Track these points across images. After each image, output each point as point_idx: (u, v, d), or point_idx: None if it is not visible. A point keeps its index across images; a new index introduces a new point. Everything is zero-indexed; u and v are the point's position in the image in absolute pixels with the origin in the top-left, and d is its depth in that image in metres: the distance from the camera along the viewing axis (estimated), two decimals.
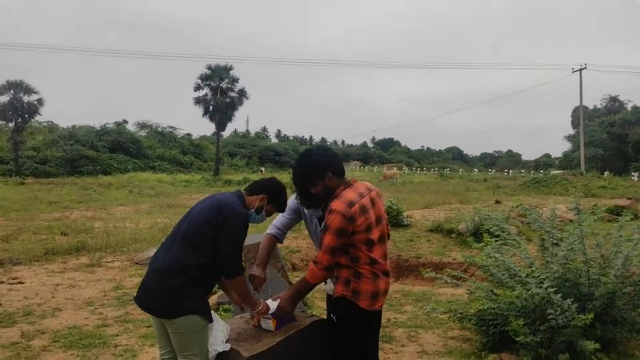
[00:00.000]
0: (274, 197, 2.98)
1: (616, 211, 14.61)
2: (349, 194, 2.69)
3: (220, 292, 5.94)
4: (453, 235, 10.96)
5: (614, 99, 66.05)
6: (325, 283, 3.09)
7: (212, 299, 5.75)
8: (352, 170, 67.61)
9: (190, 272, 2.70)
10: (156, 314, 2.79)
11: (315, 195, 2.82)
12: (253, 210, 2.93)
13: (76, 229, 12.23)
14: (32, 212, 16.62)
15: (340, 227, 2.59)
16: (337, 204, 2.64)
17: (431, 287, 7.30)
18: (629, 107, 62.76)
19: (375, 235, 2.71)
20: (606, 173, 43.12)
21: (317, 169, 2.76)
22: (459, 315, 4.55)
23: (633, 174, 43.55)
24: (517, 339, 3.73)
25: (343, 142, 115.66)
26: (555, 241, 4.31)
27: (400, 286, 7.83)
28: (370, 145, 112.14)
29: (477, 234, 10.33)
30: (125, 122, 59.24)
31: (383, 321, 5.36)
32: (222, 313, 5.37)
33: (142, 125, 57.57)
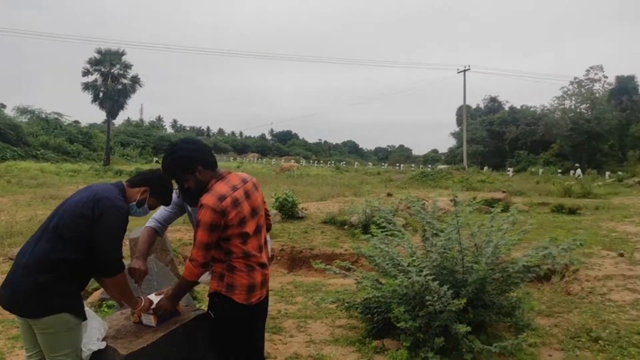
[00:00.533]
0: (156, 189, 2.85)
1: (492, 203, 15.83)
2: (220, 187, 2.63)
3: None
4: (346, 227, 11.27)
5: (493, 100, 71.37)
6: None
7: (95, 295, 5.45)
8: (249, 162, 67.13)
9: (60, 267, 2.52)
10: (20, 312, 2.57)
11: (188, 190, 2.73)
12: (134, 203, 2.79)
13: None
14: None
15: (211, 222, 2.53)
16: (207, 199, 2.56)
17: (323, 278, 7.45)
18: (506, 107, 68.16)
19: (250, 228, 2.67)
20: (485, 168, 46.67)
21: (185, 163, 2.66)
22: (347, 304, 4.69)
23: (509, 169, 47.52)
24: (398, 325, 3.92)
25: (241, 133, 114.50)
26: (435, 232, 4.57)
27: (293, 277, 7.91)
28: (268, 137, 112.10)
29: (367, 225, 10.73)
30: (3, 106, 54.27)
31: (273, 312, 5.40)
32: (106, 309, 5.11)
33: (23, 111, 52.93)
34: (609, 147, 54.07)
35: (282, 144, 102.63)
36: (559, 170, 45.51)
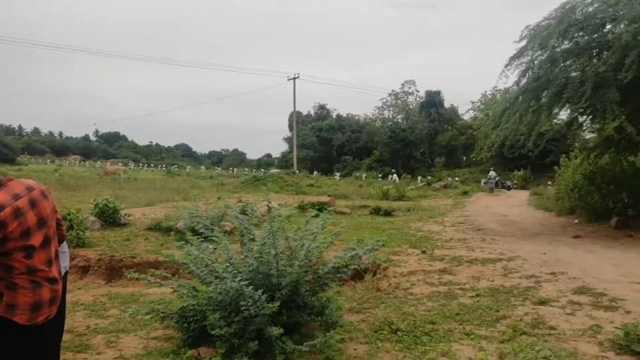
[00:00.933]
0: None
1: (319, 206, 16.64)
2: None
3: None
4: (172, 233, 10.93)
5: (322, 107, 75.08)
6: None
7: None
8: (70, 165, 61.59)
9: None
10: None
11: None
12: None
13: None
14: None
15: None
16: None
17: (142, 288, 7.12)
18: (334, 115, 72.15)
19: (36, 240, 2.44)
20: (315, 172, 48.83)
21: None
22: (162, 314, 4.54)
23: (336, 173, 50.34)
24: (213, 332, 3.90)
25: (61, 134, 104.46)
26: (252, 237, 4.66)
27: (109, 289, 7.44)
28: (93, 138, 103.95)
29: (194, 231, 10.52)
30: None
31: (80, 329, 5.02)
32: None
33: None
34: (420, 154, 60.28)
35: (109, 146, 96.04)
36: (379, 175, 49.46)
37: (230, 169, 67.49)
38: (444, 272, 7.65)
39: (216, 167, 75.74)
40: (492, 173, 33.73)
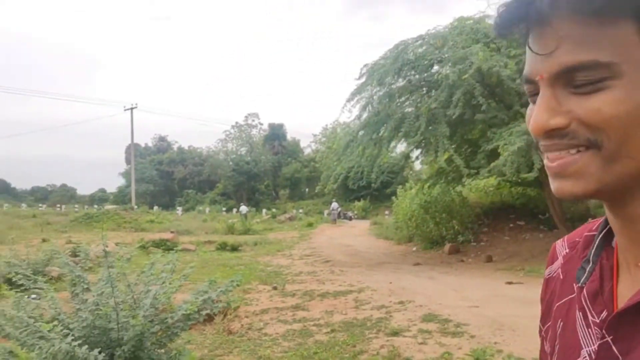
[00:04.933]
0: None
1: (161, 244, 15.63)
2: None
3: None
4: None
5: (162, 139, 72.19)
6: None
7: None
8: None
9: None
10: None
11: None
12: None
13: None
14: None
15: None
16: None
17: None
18: (175, 147, 69.83)
19: None
20: (155, 207, 46.44)
21: None
22: None
23: (178, 208, 48.40)
24: None
25: None
26: (86, 286, 4.00)
27: None
28: None
29: (11, 280, 9.07)
30: None
31: None
32: None
33: None
34: (265, 187, 60.77)
35: None
36: (224, 209, 48.65)
37: (58, 206, 61.14)
38: (297, 308, 7.49)
39: (40, 205, 68.12)
40: (334, 204, 35.04)
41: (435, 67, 13.01)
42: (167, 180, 62.29)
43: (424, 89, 13.38)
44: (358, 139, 13.02)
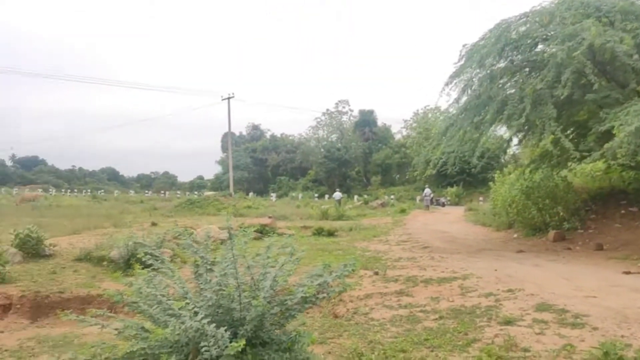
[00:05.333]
0: None
1: (260, 229, 16.11)
2: None
3: None
4: (104, 263, 10.10)
5: (256, 127, 74.46)
6: None
7: None
8: None
9: None
10: None
11: None
12: None
13: None
14: None
15: None
16: None
17: (75, 328, 6.37)
18: (268, 135, 71.73)
19: None
20: (251, 194, 48.08)
21: None
22: None
23: (272, 194, 49.81)
24: None
25: None
26: (209, 267, 4.17)
27: (37, 331, 6.62)
28: (9, 163, 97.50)
29: (129, 260, 9.76)
30: None
31: None
32: None
33: None
34: (355, 173, 60.89)
35: (26, 171, 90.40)
36: (316, 195, 49.38)
37: (162, 192, 65.16)
38: (401, 293, 7.41)
39: (146, 191, 72.94)
40: (427, 190, 34.39)
41: (540, 46, 12.27)
42: (261, 167, 64.26)
43: (527, 69, 12.66)
44: (458, 123, 12.57)
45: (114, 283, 9.03)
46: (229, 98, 44.37)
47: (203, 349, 3.45)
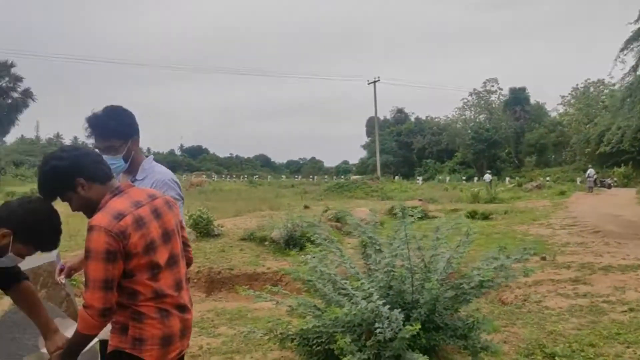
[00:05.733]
0: (24, 231, 1.98)
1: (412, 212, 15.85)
2: (117, 204, 1.96)
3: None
4: (266, 243, 10.64)
5: (400, 111, 73.66)
6: None
7: None
8: None
9: None
10: None
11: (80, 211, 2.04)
12: None
13: None
14: None
15: (107, 249, 1.84)
16: (98, 219, 1.88)
17: (247, 303, 6.76)
18: (412, 118, 70.62)
19: (161, 256, 2.01)
20: (396, 177, 47.82)
21: (60, 178, 1.97)
22: (280, 335, 4.08)
23: (418, 177, 49.07)
24: (344, 358, 3.37)
25: (149, 149, 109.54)
26: (378, 247, 4.09)
27: (214, 304, 7.15)
28: (178, 153, 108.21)
29: (290, 240, 10.18)
30: None
31: (194, 349, 4.66)
32: None
33: None
34: (506, 154, 57.50)
35: (193, 160, 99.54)
36: (464, 178, 47.62)
37: (310, 177, 67.74)
38: (577, 281, 6.74)
39: (295, 176, 76.35)
40: (590, 171, 31.30)
41: None
42: (406, 150, 63.58)
43: None
44: (638, 94, 11.02)
45: (275, 261, 9.53)
46: (374, 82, 44.43)
47: (377, 330, 3.38)
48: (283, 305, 4.11)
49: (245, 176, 69.44)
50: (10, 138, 55.87)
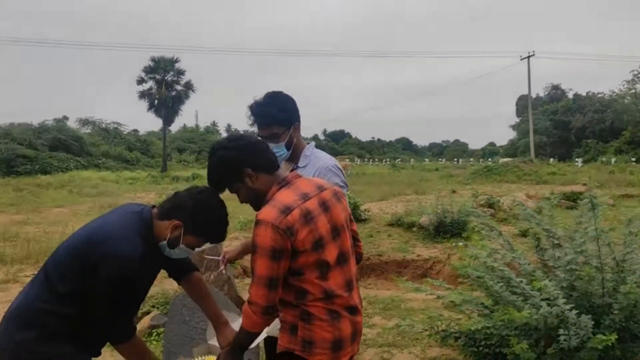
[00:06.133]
0: (194, 223, 1.95)
1: (573, 197, 14.43)
2: (284, 196, 1.84)
3: (155, 311, 5.00)
4: (414, 229, 10.33)
5: (556, 87, 67.89)
6: None
7: (144, 321, 4.79)
8: None
9: (48, 321, 1.79)
10: None
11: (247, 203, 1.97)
12: (164, 242, 1.96)
13: (0, 236, 10.84)
14: None
15: (273, 246, 1.74)
16: (265, 212, 1.79)
17: (397, 291, 6.55)
18: (570, 95, 64.68)
19: (331, 254, 1.86)
20: (552, 159, 44.19)
21: (228, 168, 1.90)
22: (443, 333, 3.79)
23: (577, 159, 44.84)
24: None
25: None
26: (556, 241, 3.59)
27: (365, 291, 7.04)
28: (321, 137, 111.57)
29: (440, 227, 9.75)
30: (66, 118, 56.23)
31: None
32: (156, 340, 4.43)
33: (85, 122, 55.10)
34: None
35: (336, 144, 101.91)
36: (633, 159, 42.49)
37: (455, 160, 65.54)
38: None
39: (439, 159, 74.44)
40: None
41: None
42: (562, 130, 58.50)
43: None
44: None
45: (425, 249, 9.18)
46: (528, 57, 41.24)
47: (562, 338, 2.95)
48: (445, 300, 3.80)
49: (387, 160, 69.30)
50: (174, 127, 61.52)
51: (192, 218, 1.92)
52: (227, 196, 1.98)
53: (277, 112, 2.35)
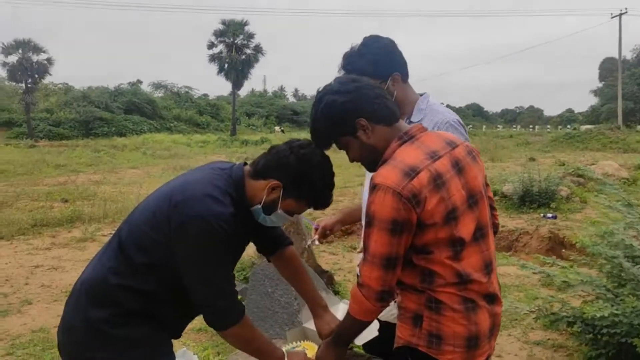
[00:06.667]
0: (296, 184, 1.55)
1: None
2: (407, 154, 1.42)
3: None
4: (497, 197, 9.68)
5: None
6: None
7: None
8: None
9: (123, 298, 1.50)
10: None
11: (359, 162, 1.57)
12: (259, 206, 1.58)
13: (79, 195, 11.18)
14: (36, 177, 15.64)
15: (394, 217, 1.35)
16: (383, 175, 1.39)
17: None
18: None
19: (466, 228, 1.43)
20: (639, 127, 41.05)
21: (338, 116, 1.48)
22: (552, 316, 3.32)
23: None
24: None
25: None
26: None
27: None
28: None
29: (525, 197, 9.06)
30: (140, 82, 57.99)
31: None
32: None
33: (157, 86, 56.60)
34: None
35: None
36: None
37: (530, 127, 62.44)
38: None
39: (513, 126, 71.22)
40: None
41: None
42: None
43: None
44: None
45: (510, 219, 8.56)
46: (620, 15, 37.92)
47: None
48: (557, 279, 3.31)
49: None
50: (243, 92, 62.06)
51: (294, 178, 1.53)
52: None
53: (365, 64, 1.88)
